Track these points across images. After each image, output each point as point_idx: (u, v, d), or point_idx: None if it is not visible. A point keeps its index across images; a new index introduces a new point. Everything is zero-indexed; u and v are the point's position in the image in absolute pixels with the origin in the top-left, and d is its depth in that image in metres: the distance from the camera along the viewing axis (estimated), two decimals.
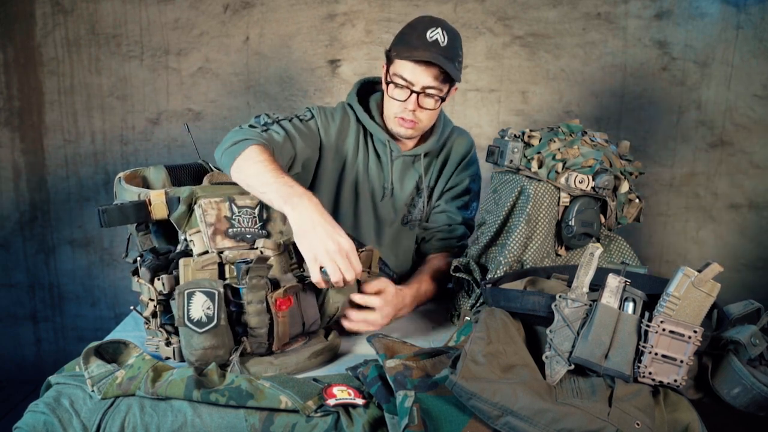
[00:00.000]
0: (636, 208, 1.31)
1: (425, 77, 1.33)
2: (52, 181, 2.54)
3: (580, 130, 1.26)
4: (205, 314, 0.96)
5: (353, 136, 1.49)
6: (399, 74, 1.35)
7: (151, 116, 2.48)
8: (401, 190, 1.52)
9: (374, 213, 1.53)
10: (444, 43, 1.32)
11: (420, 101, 1.37)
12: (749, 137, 2.39)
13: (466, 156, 1.57)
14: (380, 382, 0.89)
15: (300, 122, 1.43)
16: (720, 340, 0.91)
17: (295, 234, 1.08)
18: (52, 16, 2.41)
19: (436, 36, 1.32)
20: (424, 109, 1.38)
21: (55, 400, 0.89)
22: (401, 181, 1.52)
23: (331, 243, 1.04)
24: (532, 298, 0.95)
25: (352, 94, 1.51)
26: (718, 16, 2.31)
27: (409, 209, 1.54)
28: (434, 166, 1.54)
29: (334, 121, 1.48)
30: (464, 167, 1.56)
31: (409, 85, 1.35)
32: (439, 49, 1.32)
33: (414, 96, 1.35)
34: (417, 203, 1.54)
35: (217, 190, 1.14)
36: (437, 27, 1.33)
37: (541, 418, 0.77)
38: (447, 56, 1.33)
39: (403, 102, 1.37)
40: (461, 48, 1.39)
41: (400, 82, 1.36)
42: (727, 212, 2.46)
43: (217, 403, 0.87)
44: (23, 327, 2.67)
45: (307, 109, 1.48)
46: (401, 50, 1.35)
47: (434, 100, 1.38)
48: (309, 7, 2.38)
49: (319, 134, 1.45)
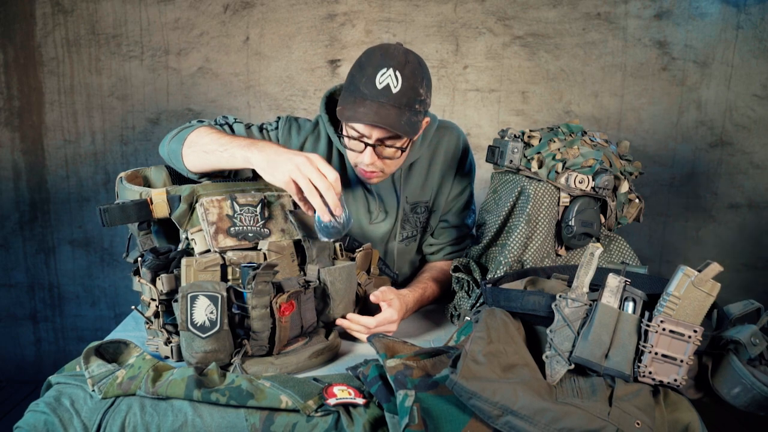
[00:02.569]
0: (636, 208, 1.31)
1: (379, 131, 1.21)
2: (52, 181, 2.54)
3: (580, 130, 1.26)
4: (209, 319, 0.96)
5: (323, 152, 1.39)
6: (350, 125, 1.23)
7: (151, 116, 2.48)
8: (391, 209, 1.44)
9: (366, 234, 1.45)
10: (396, 88, 1.17)
11: (378, 152, 1.25)
12: (749, 137, 2.39)
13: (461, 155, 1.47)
14: (380, 382, 0.89)
15: (259, 131, 1.36)
16: (720, 339, 0.91)
17: (263, 171, 1.09)
18: (52, 16, 2.41)
19: (387, 81, 1.17)
20: (386, 159, 1.27)
21: (56, 399, 0.89)
22: (386, 198, 1.43)
23: (297, 157, 1.06)
24: (533, 298, 0.95)
25: (321, 107, 1.38)
26: (718, 16, 2.31)
27: (403, 225, 1.46)
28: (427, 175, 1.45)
29: (299, 136, 1.39)
30: (465, 171, 1.48)
31: (362, 138, 1.23)
32: (390, 97, 1.17)
33: (370, 149, 1.23)
34: (409, 218, 1.46)
35: (218, 188, 1.14)
36: (388, 68, 1.17)
37: (542, 418, 0.77)
38: (400, 104, 1.18)
39: (360, 153, 1.26)
40: (423, 81, 1.22)
41: (353, 134, 1.24)
42: (727, 212, 2.46)
43: (218, 402, 0.87)
44: (23, 327, 2.67)
45: (277, 119, 1.41)
46: (348, 103, 1.21)
47: (394, 150, 1.26)
48: (309, 7, 2.38)
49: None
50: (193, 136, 1.21)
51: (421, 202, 1.46)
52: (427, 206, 1.48)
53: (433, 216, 1.50)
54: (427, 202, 1.47)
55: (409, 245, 1.51)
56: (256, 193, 1.17)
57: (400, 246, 1.49)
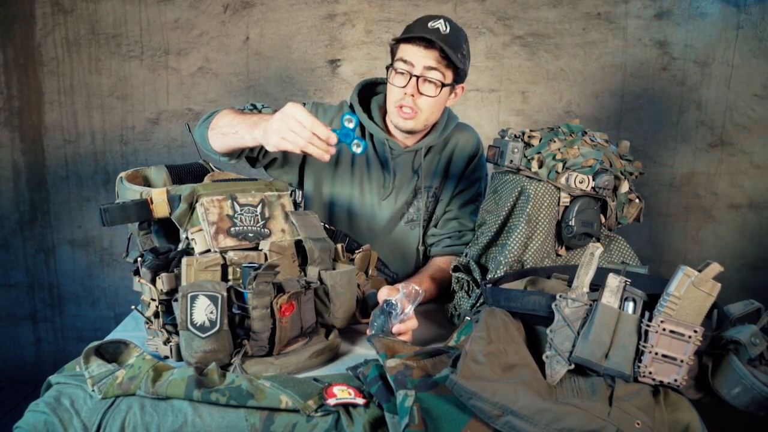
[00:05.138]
0: (636, 208, 1.31)
1: (425, 59, 1.33)
2: (52, 181, 2.54)
3: (580, 130, 1.26)
4: (209, 319, 0.96)
5: None
6: (400, 57, 1.35)
7: (151, 116, 2.48)
8: (403, 188, 1.52)
9: (375, 212, 1.53)
10: (446, 32, 1.33)
11: (420, 87, 1.36)
12: (749, 137, 2.39)
13: (475, 154, 1.56)
14: (381, 382, 0.88)
15: None
16: (720, 339, 0.91)
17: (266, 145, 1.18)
18: (52, 16, 2.41)
19: (438, 25, 1.33)
20: (423, 96, 1.37)
21: (56, 399, 0.89)
22: (402, 179, 1.51)
23: (274, 122, 1.12)
24: (533, 298, 0.95)
25: (353, 94, 1.51)
26: (718, 16, 2.31)
27: (410, 208, 1.54)
28: (439, 162, 1.53)
29: (325, 117, 1.48)
30: (475, 169, 1.56)
31: (410, 67, 1.34)
32: (440, 35, 1.32)
33: (414, 80, 1.34)
34: (419, 202, 1.53)
35: (218, 188, 1.14)
36: (440, 19, 1.34)
37: (542, 418, 0.76)
38: (448, 43, 1.32)
39: (403, 88, 1.36)
40: (466, 43, 1.39)
41: (401, 66, 1.35)
42: (727, 212, 2.46)
43: (218, 402, 0.87)
44: (23, 327, 2.67)
45: (303, 104, 1.47)
46: (402, 37, 1.35)
47: (435, 87, 1.36)
48: (309, 7, 2.38)
49: None
50: (216, 119, 1.31)
51: (432, 187, 1.54)
52: (435, 193, 1.55)
53: (439, 205, 1.56)
54: (437, 189, 1.55)
55: (413, 230, 1.55)
56: (257, 193, 1.17)
57: (405, 229, 1.54)
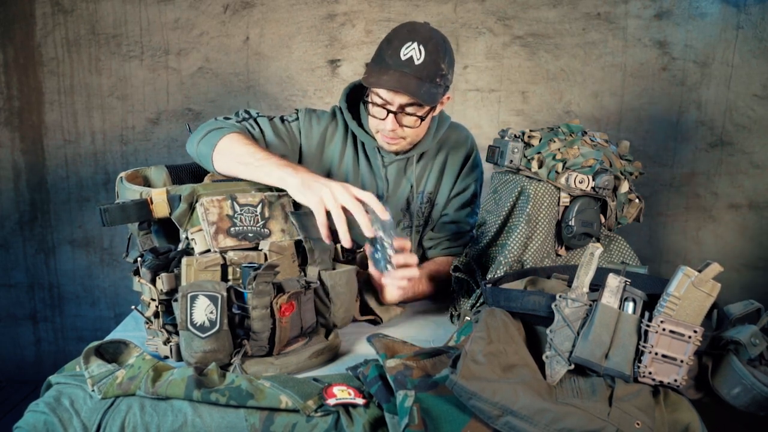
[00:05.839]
0: (636, 208, 1.31)
1: (400, 98, 1.28)
2: (52, 181, 2.54)
3: (580, 130, 1.26)
4: (208, 319, 0.96)
5: (339, 142, 1.46)
6: (375, 92, 1.30)
7: (151, 116, 2.48)
8: (396, 195, 1.49)
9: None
10: (419, 60, 1.24)
11: (399, 120, 1.32)
12: (749, 137, 2.39)
13: (469, 155, 1.54)
14: (380, 382, 0.88)
15: (281, 123, 1.41)
16: (720, 340, 0.91)
17: (296, 190, 1.13)
18: (52, 16, 2.41)
19: (411, 53, 1.24)
20: (405, 127, 1.33)
21: (56, 399, 0.89)
22: (395, 187, 1.49)
23: (334, 184, 1.10)
24: (533, 298, 0.95)
25: (341, 98, 1.46)
26: (718, 16, 2.31)
27: (405, 214, 1.52)
28: (433, 167, 1.51)
29: (319, 125, 1.45)
30: (470, 170, 1.53)
31: (386, 104, 1.30)
32: (413, 68, 1.24)
33: (392, 116, 1.30)
34: (413, 207, 1.51)
35: (218, 188, 1.14)
36: (413, 42, 1.25)
37: (542, 418, 0.76)
38: (422, 75, 1.25)
39: (382, 120, 1.32)
40: (445, 58, 1.29)
41: (377, 100, 1.30)
42: (727, 212, 2.46)
43: (218, 402, 0.87)
44: (23, 327, 2.67)
45: (295, 111, 1.46)
46: (373, 71, 1.28)
47: (414, 119, 1.32)
48: (309, 7, 2.38)
49: (300, 138, 1.43)
50: (225, 142, 1.23)
51: (425, 192, 1.52)
52: (430, 198, 1.53)
53: (434, 209, 1.54)
54: (431, 194, 1.53)
55: (409, 236, 1.53)
56: (257, 193, 1.17)
57: (401, 235, 1.51)
